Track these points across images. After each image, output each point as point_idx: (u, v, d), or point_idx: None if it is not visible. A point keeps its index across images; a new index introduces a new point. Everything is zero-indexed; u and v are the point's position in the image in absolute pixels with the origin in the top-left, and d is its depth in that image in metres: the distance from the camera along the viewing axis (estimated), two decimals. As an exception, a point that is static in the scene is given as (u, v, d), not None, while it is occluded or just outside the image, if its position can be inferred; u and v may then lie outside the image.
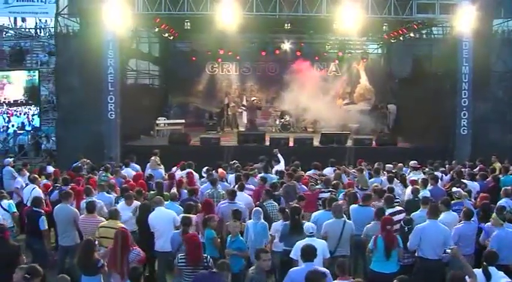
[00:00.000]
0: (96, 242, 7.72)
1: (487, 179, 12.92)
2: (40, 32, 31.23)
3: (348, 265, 6.80)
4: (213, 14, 17.21)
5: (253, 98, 22.47)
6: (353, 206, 9.61)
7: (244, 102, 24.93)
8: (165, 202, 9.98)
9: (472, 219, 8.66)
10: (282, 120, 23.76)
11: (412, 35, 21.17)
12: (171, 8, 17.31)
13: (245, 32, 21.54)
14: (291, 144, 18.83)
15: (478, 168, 14.37)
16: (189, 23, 18.64)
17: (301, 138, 19.38)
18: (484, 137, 18.28)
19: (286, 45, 24.07)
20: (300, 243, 7.81)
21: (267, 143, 18.59)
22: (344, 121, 24.38)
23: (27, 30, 32.22)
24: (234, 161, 14.62)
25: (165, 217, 9.27)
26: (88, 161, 14.74)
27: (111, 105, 18.08)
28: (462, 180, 12.40)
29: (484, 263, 6.61)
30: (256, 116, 22.74)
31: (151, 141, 20.54)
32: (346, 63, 25.84)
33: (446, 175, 13.76)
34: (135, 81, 23.02)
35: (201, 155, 16.90)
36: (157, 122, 21.96)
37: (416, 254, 8.18)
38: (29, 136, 22.68)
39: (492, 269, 6.54)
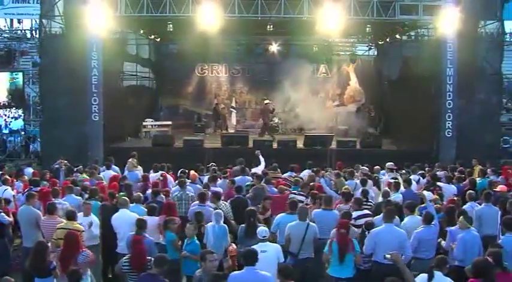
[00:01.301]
0: (49, 244, 7.72)
1: (464, 182, 12.87)
2: (36, 34, 31.39)
3: (290, 269, 6.68)
4: (194, 16, 17.17)
5: (266, 101, 22.36)
6: (316, 210, 9.51)
7: (233, 104, 24.92)
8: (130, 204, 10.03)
9: (433, 223, 8.56)
10: (271, 122, 23.68)
11: (398, 36, 21.06)
12: (153, 10, 17.28)
13: (232, 33, 21.58)
14: (275, 146, 18.77)
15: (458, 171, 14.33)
16: (171, 25, 18.60)
17: (285, 140, 19.35)
18: (470, 140, 18.17)
19: (274, 47, 24.05)
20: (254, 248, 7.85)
21: (251, 145, 18.52)
22: (333, 123, 24.41)
23: (23, 31, 32.47)
24: (212, 164, 14.58)
25: (127, 219, 9.18)
26: (66, 162, 14.75)
27: (95, 107, 18.16)
28: (437, 183, 12.39)
29: (432, 265, 6.54)
30: (270, 118, 22.60)
31: (136, 143, 20.54)
32: (335, 65, 25.77)
33: (424, 178, 13.68)
34: (123, 83, 22.96)
35: (184, 157, 16.97)
36: (144, 123, 21.91)
37: (372, 259, 8.10)
38: (20, 138, 22.85)
39: (437, 274, 6.43)
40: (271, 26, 18.27)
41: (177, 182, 11.64)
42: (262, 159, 14.74)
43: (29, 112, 26.22)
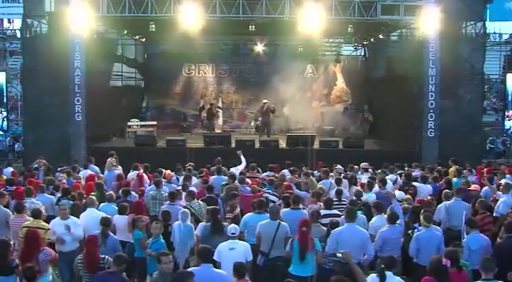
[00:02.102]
0: (12, 242, 7.74)
1: (440, 182, 12.92)
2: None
3: (244, 268, 6.72)
4: (176, 16, 17.19)
5: (264, 101, 22.42)
6: (284, 210, 9.54)
7: (220, 104, 24.98)
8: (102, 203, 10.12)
9: (398, 222, 8.61)
10: (257, 122, 23.71)
11: (381, 36, 21.11)
12: (135, 11, 17.28)
13: (217, 34, 21.64)
14: (257, 146, 18.80)
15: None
16: (154, 26, 18.62)
17: (267, 140, 19.40)
18: (452, 140, 18.20)
19: (259, 48, 24.07)
20: (223, 245, 7.86)
21: (234, 145, 18.54)
22: (320, 123, 24.46)
23: (12, 31, 32.53)
24: (189, 163, 14.62)
25: (94, 218, 9.21)
26: (45, 161, 14.76)
27: (78, 107, 18.16)
28: (413, 183, 12.45)
29: (382, 266, 6.54)
30: (270, 119, 22.56)
31: (121, 143, 20.54)
32: (322, 65, 25.77)
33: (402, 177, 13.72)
34: (108, 83, 22.96)
35: (166, 157, 16.99)
36: (129, 123, 21.92)
37: (335, 258, 8.11)
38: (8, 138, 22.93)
39: (389, 274, 6.47)
40: (253, 26, 18.25)
41: (153, 181, 11.68)
42: (243, 159, 14.79)
43: (18, 112, 26.35)
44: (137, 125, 22.33)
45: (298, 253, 7.75)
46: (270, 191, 11.28)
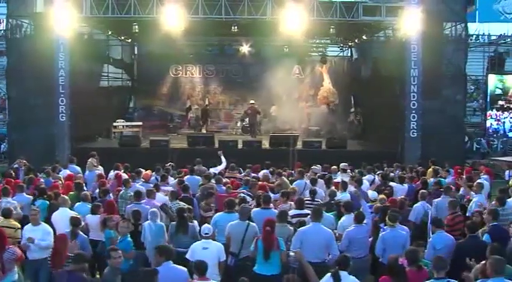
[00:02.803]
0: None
1: (417, 182, 13.01)
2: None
3: (205, 266, 6.81)
4: (159, 17, 17.27)
5: (251, 102, 22.60)
6: (255, 209, 9.61)
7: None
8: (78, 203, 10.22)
9: (364, 222, 8.69)
10: (243, 123, 23.82)
11: (365, 37, 21.23)
12: (118, 11, 17.36)
13: (202, 34, 21.72)
14: (240, 146, 18.91)
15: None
16: (137, 27, 18.71)
17: (250, 140, 19.52)
18: (435, 140, 18.30)
19: (245, 48, 24.12)
20: (196, 245, 7.97)
21: (217, 146, 18.63)
22: (306, 124, 24.57)
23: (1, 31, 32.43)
24: (170, 163, 14.70)
25: (65, 217, 9.28)
26: (25, 162, 14.83)
27: (62, 108, 18.30)
28: (390, 183, 12.57)
29: (336, 267, 6.59)
30: (257, 120, 22.85)
31: (106, 144, 20.61)
32: (309, 66, 25.83)
33: (379, 178, 13.81)
34: (97, 83, 23.00)
35: (150, 157, 17.05)
36: (115, 124, 21.98)
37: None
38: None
39: (343, 274, 6.51)
40: (236, 27, 18.34)
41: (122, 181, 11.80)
42: (223, 159, 14.91)
43: (6, 112, 26.30)
44: (123, 126, 22.36)
45: (262, 252, 7.80)
46: (244, 190, 11.36)
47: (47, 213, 9.85)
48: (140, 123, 23.08)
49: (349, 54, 26.24)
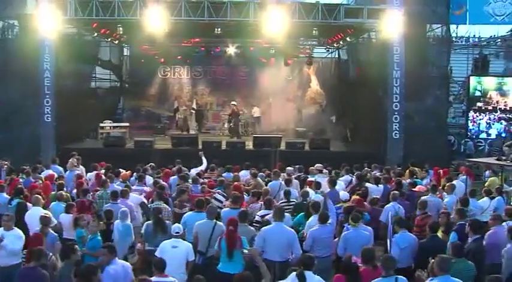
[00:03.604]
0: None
1: (392, 183, 13.15)
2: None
3: (165, 262, 6.98)
4: (142, 19, 17.41)
5: (233, 103, 22.86)
6: (224, 209, 9.77)
7: (194, 106, 25.21)
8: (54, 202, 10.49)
9: (329, 222, 8.81)
10: (230, 124, 23.97)
11: (349, 39, 21.40)
12: (102, 13, 17.48)
13: (189, 36, 21.86)
14: (224, 147, 19.06)
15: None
16: (121, 28, 18.85)
17: (233, 141, 19.66)
18: (419, 141, 18.45)
19: (231, 50, 24.23)
20: (165, 243, 8.09)
21: (200, 147, 18.77)
22: (293, 125, 24.74)
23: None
24: (150, 164, 14.83)
25: (37, 217, 9.42)
26: (7, 163, 14.96)
27: (47, 109, 18.47)
28: (364, 183, 12.70)
29: (301, 267, 6.67)
30: (239, 121, 23.11)
31: (91, 144, 20.74)
32: (296, 68, 25.91)
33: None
34: (87, 84, 23.11)
35: (134, 158, 17.14)
36: (102, 125, 22.11)
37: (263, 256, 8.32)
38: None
39: (308, 274, 6.60)
40: (219, 29, 18.47)
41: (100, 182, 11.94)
42: (204, 160, 15.05)
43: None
44: (110, 127, 22.48)
45: (225, 251, 7.96)
46: (219, 191, 11.50)
47: (16, 212, 9.99)
48: (127, 124, 23.21)
49: (336, 56, 26.32)
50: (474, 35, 33.62)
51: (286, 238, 8.18)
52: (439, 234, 8.70)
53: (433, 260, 6.66)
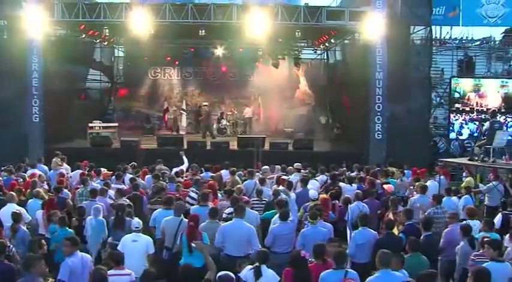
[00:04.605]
0: None
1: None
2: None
3: (122, 256, 7.28)
4: (127, 21, 17.73)
5: (204, 103, 23.29)
6: (193, 207, 10.09)
7: (184, 106, 25.51)
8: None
9: (290, 219, 9.08)
10: (219, 124, 24.30)
11: (333, 41, 21.68)
12: (88, 15, 17.80)
13: (178, 37, 22.15)
14: (208, 147, 19.36)
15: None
16: (107, 30, 19.17)
17: (218, 141, 19.97)
18: (400, 142, 18.65)
19: (219, 51, 24.48)
20: (126, 237, 8.39)
21: (186, 147, 19.06)
22: (281, 125, 25.02)
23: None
24: (132, 163, 15.14)
25: (10, 213, 9.72)
26: (-8, 161, 15.33)
27: (35, 109, 18.80)
28: (338, 183, 12.97)
29: (257, 263, 6.99)
30: (210, 121, 23.60)
31: (79, 144, 21.01)
32: (284, 68, 26.01)
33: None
34: (73, 85, 23.42)
35: (119, 157, 17.42)
36: (91, 125, 22.42)
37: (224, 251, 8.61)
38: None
39: (263, 268, 6.92)
40: (203, 31, 18.77)
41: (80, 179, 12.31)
42: (185, 159, 15.40)
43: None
44: (99, 127, 22.78)
45: (186, 246, 8.24)
46: (194, 189, 11.79)
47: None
48: (116, 124, 23.51)
49: (325, 57, 26.58)
50: (467, 37, 33.93)
51: (246, 233, 8.44)
52: (396, 231, 8.99)
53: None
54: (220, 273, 6.16)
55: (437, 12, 28.40)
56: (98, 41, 22.68)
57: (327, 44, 23.08)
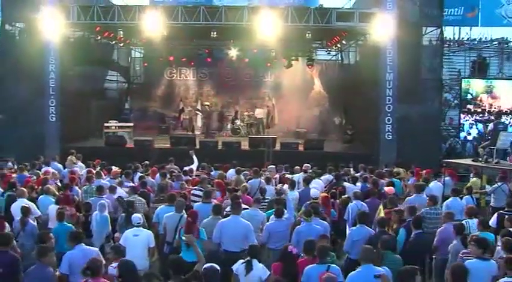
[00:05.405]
0: None
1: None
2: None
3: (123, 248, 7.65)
4: (141, 23, 18.13)
5: (206, 103, 23.64)
6: (197, 204, 10.37)
7: (199, 107, 25.88)
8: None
9: (285, 217, 9.33)
10: (233, 125, 24.61)
11: (344, 42, 21.82)
12: (102, 18, 18.26)
13: (192, 39, 22.59)
14: (220, 147, 19.67)
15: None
16: (121, 32, 19.60)
17: (229, 141, 20.25)
18: (410, 143, 18.70)
19: (233, 52, 24.70)
20: (128, 232, 8.74)
21: (198, 146, 19.40)
22: (295, 126, 25.23)
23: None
24: (145, 162, 15.51)
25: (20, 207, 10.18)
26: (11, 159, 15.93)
27: (52, 108, 19.32)
28: (342, 182, 13.16)
29: (248, 257, 7.29)
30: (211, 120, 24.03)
31: (95, 143, 21.45)
32: (299, 69, 26.14)
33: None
34: (90, 85, 23.96)
35: (133, 156, 17.85)
36: (107, 124, 22.92)
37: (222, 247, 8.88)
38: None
39: (255, 262, 7.22)
40: (215, 33, 19.08)
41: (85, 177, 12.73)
42: (195, 159, 15.73)
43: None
44: (115, 126, 23.25)
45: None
46: (197, 187, 12.11)
47: (6, 203, 10.80)
48: (131, 124, 23.93)
49: (340, 58, 26.71)
50: (486, 38, 33.66)
51: (243, 229, 8.71)
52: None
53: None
54: (205, 265, 6.43)
55: (456, 13, 28.31)
56: (113, 42, 23.10)
57: (339, 45, 23.18)
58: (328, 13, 17.89)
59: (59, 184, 13.21)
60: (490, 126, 13.78)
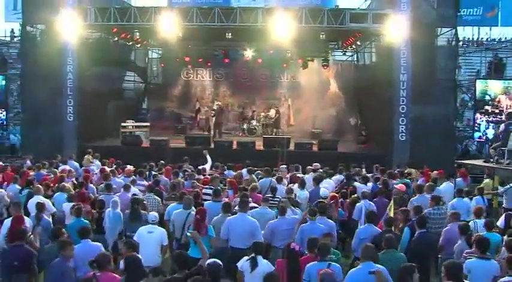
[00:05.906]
0: None
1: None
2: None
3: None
4: (157, 24, 18.42)
5: (216, 103, 24.01)
6: (207, 202, 10.59)
7: (215, 107, 26.10)
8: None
9: (289, 215, 9.49)
10: (249, 125, 24.82)
11: (359, 43, 21.87)
12: (119, 19, 18.60)
13: (208, 40, 22.86)
14: (234, 147, 19.88)
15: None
16: (138, 33, 19.92)
17: (244, 141, 20.44)
18: (424, 143, 18.71)
19: (249, 53, 24.82)
20: (142, 229, 8.99)
21: (213, 146, 19.65)
22: (310, 126, 25.33)
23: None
24: (161, 161, 15.78)
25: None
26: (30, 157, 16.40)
27: (69, 108, 19.73)
28: (353, 182, 13.29)
29: (253, 254, 7.43)
30: (222, 119, 24.23)
31: (112, 142, 21.83)
32: (314, 70, 26.21)
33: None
34: (107, 86, 24.34)
35: (149, 156, 18.17)
36: (124, 124, 23.26)
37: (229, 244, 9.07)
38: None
39: (259, 258, 7.37)
40: (230, 34, 19.29)
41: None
42: (209, 158, 15.98)
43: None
44: (132, 126, 23.60)
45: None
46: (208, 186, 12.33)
47: (26, 200, 11.10)
48: (148, 123, 24.27)
49: (355, 59, 26.74)
50: (506, 37, 33.32)
51: (249, 227, 8.90)
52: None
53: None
54: (209, 261, 6.62)
55: (475, 13, 28.17)
56: (130, 43, 23.47)
57: (354, 46, 23.24)
58: (341, 14, 17.99)
59: (75, 182, 13.53)
60: (501, 127, 13.75)
